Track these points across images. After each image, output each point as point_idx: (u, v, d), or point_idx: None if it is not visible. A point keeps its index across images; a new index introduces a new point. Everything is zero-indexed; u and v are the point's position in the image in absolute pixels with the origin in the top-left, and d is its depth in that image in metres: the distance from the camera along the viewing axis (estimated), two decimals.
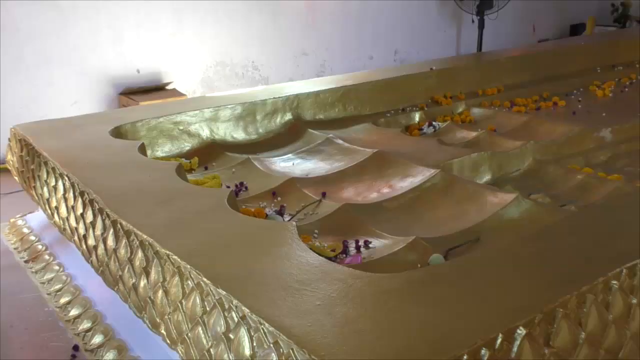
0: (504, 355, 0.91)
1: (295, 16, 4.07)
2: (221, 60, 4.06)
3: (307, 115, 2.66)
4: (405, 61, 4.57)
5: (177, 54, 4.25)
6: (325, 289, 1.05)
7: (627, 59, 3.86)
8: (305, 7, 4.07)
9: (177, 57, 4.24)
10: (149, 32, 4.26)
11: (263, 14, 3.98)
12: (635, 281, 1.11)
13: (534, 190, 2.11)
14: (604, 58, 3.81)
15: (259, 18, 4.00)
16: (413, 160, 2.12)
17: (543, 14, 5.51)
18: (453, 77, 3.18)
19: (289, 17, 4.07)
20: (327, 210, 1.82)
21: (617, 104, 3.16)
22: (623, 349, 1.07)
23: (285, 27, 4.08)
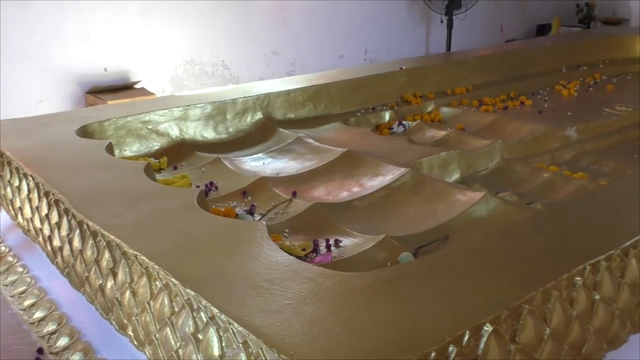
0: (471, 351, 0.92)
1: (266, 15, 4.05)
2: (191, 59, 4.02)
3: (278, 114, 2.65)
4: (376, 60, 4.59)
5: (145, 53, 4.20)
6: (295, 288, 1.05)
7: (591, 59, 3.94)
8: (276, 6, 4.06)
9: (146, 56, 4.19)
10: (116, 30, 4.20)
11: (233, 13, 3.95)
12: (598, 277, 1.13)
13: (502, 188, 2.14)
14: (569, 58, 3.88)
15: (229, 16, 3.97)
16: (383, 159, 2.13)
17: (510, 14, 5.59)
18: (423, 76, 3.21)
19: (259, 16, 4.05)
20: (298, 209, 1.82)
21: (582, 103, 3.23)
22: (586, 344, 1.10)
23: (255, 25, 4.06)
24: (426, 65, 3.34)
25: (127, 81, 4.26)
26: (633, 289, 1.19)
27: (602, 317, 1.13)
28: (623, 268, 1.19)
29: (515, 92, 3.35)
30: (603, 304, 1.13)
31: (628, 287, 1.18)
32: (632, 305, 1.20)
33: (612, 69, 3.85)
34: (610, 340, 1.16)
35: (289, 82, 2.93)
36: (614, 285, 1.16)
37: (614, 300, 1.16)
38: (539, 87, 3.49)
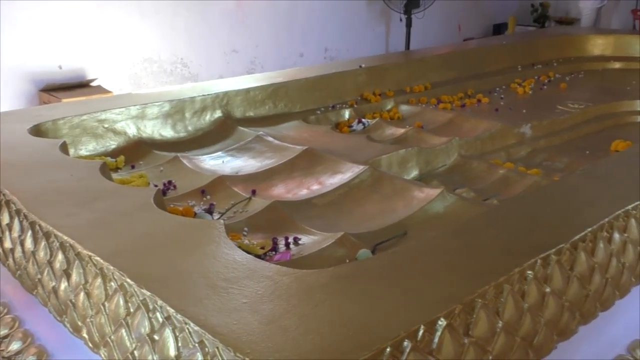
0: (425, 346, 0.94)
1: (225, 13, 4.02)
2: (149, 57, 3.96)
3: (237, 112, 2.64)
4: (336, 59, 4.60)
5: (102, 50, 4.11)
6: (252, 286, 1.05)
7: (545, 58, 4.03)
8: (235, 4, 4.03)
9: (102, 53, 4.10)
10: (71, 27, 4.10)
11: (191, 11, 3.91)
12: (548, 271, 1.16)
13: (459, 185, 2.17)
14: (524, 57, 3.96)
15: (188, 14, 3.92)
16: (342, 157, 2.15)
17: (468, 13, 5.67)
18: (382, 74, 3.23)
19: (218, 14, 4.01)
20: (257, 207, 1.82)
21: (537, 101, 3.30)
22: (537, 336, 1.12)
23: (214, 23, 4.02)
24: (385, 63, 3.37)
25: (83, 79, 4.17)
26: (582, 282, 1.23)
27: (552, 309, 1.16)
28: (572, 261, 1.22)
29: (473, 90, 3.41)
30: (553, 296, 1.16)
31: (577, 280, 1.22)
32: (581, 297, 1.23)
33: (565, 67, 3.95)
34: (560, 332, 1.19)
35: (249, 80, 2.92)
36: (564, 278, 1.19)
37: (563, 293, 1.19)
38: (495, 85, 3.56)
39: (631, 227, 1.38)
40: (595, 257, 1.27)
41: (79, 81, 4.16)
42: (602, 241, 1.29)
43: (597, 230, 1.29)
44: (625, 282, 1.37)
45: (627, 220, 1.37)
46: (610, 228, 1.33)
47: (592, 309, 1.27)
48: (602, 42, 4.17)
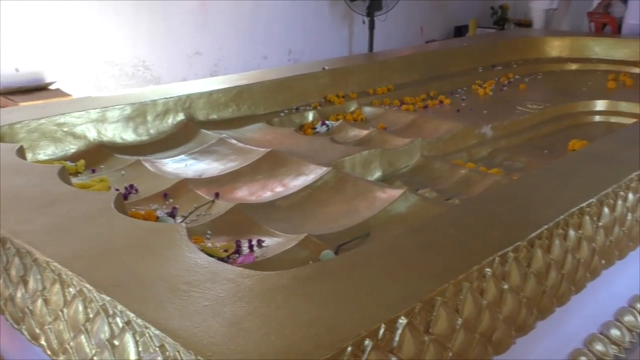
0: (386, 344, 0.95)
1: (187, 15, 3.99)
2: (109, 60, 3.89)
3: (200, 115, 2.63)
4: (300, 61, 4.60)
5: (61, 52, 4.03)
6: (214, 289, 1.05)
7: (505, 59, 4.11)
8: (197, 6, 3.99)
9: (61, 56, 4.02)
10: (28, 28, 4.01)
11: (153, 12, 3.86)
12: (506, 268, 1.19)
13: (422, 185, 2.20)
14: (485, 58, 4.03)
15: (149, 16, 3.87)
16: (306, 159, 2.15)
17: (430, 15, 5.74)
18: (345, 76, 3.25)
19: (181, 16, 3.97)
20: (220, 210, 1.81)
21: (497, 101, 3.36)
22: (496, 332, 1.15)
23: (176, 25, 3.98)
24: (349, 65, 3.39)
25: (41, 82, 4.08)
26: (539, 278, 1.26)
27: (510, 305, 1.18)
28: (529, 258, 1.25)
29: (435, 91, 3.46)
30: (511, 293, 1.19)
31: (534, 276, 1.25)
32: (538, 293, 1.26)
33: (524, 68, 4.04)
34: (519, 328, 1.22)
35: (212, 82, 2.91)
36: (521, 275, 1.22)
37: (521, 289, 1.22)
38: (457, 87, 3.61)
39: (585, 224, 1.42)
40: (551, 253, 1.31)
41: (37, 84, 4.07)
42: (557, 238, 1.33)
43: (552, 228, 1.32)
44: (581, 278, 1.41)
45: (581, 217, 1.41)
46: (565, 225, 1.37)
47: (548, 304, 1.31)
48: (559, 44, 4.27)
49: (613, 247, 1.53)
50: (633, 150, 1.84)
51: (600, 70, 3.93)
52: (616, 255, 1.56)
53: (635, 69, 3.83)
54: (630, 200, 1.59)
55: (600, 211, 1.48)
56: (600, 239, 1.47)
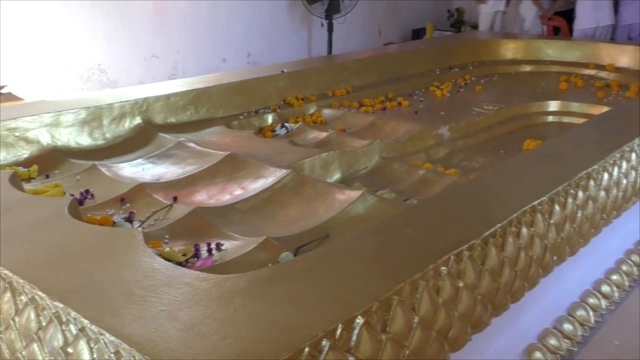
0: (344, 344, 0.96)
1: (144, 17, 3.93)
2: (64, 62, 3.80)
3: (158, 118, 2.60)
4: (259, 64, 4.59)
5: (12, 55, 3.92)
6: (171, 293, 1.04)
7: (462, 61, 4.18)
8: (153, 8, 3.94)
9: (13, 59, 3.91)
10: None
11: (109, 14, 3.79)
12: (461, 266, 1.21)
13: (381, 186, 2.22)
14: (442, 61, 4.09)
15: (105, 18, 3.80)
16: (265, 162, 2.15)
17: (388, 18, 5.78)
18: (304, 79, 3.26)
19: (137, 18, 3.91)
20: (179, 214, 1.80)
21: (454, 103, 3.42)
22: (452, 329, 1.17)
23: (133, 28, 3.91)
24: (307, 68, 3.40)
25: None
26: (493, 275, 1.29)
27: (466, 302, 1.20)
28: (484, 256, 1.27)
29: (393, 93, 3.50)
30: (466, 290, 1.21)
31: (489, 274, 1.27)
32: (492, 290, 1.29)
33: (480, 70, 4.11)
34: (474, 324, 1.24)
35: (169, 86, 2.88)
36: (476, 273, 1.24)
37: (476, 287, 1.24)
38: (415, 89, 3.66)
39: (538, 221, 1.46)
40: (504, 251, 1.33)
41: None
42: (511, 236, 1.36)
43: (506, 226, 1.35)
44: (534, 274, 1.44)
45: (533, 215, 1.45)
46: (518, 223, 1.40)
47: (503, 301, 1.33)
48: (514, 47, 4.37)
49: (564, 243, 1.57)
50: (583, 150, 1.90)
51: (553, 71, 4.03)
52: (567, 251, 1.60)
53: (586, 70, 3.94)
54: (580, 198, 1.63)
55: (551, 209, 1.52)
56: (551, 236, 1.51)
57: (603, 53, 4.04)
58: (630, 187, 1.91)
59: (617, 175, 1.84)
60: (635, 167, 1.95)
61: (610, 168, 1.81)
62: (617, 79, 3.70)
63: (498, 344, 1.42)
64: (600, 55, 4.04)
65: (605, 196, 1.77)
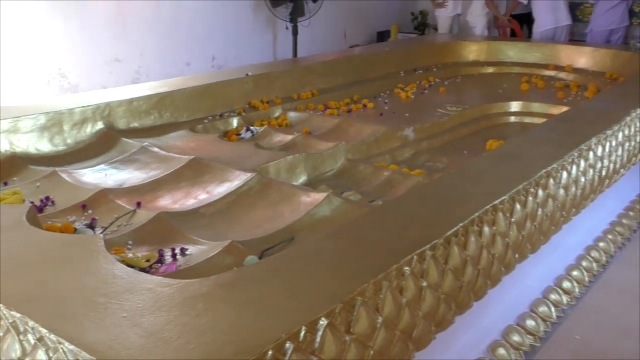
0: (308, 346, 0.96)
1: (104, 20, 3.86)
2: (22, 67, 3.71)
3: (121, 123, 2.57)
4: (223, 67, 4.56)
5: None
6: (132, 300, 1.03)
7: (426, 63, 4.22)
8: (115, 10, 3.88)
9: None
10: None
11: (68, 17, 3.71)
12: (424, 266, 1.22)
13: (346, 188, 2.23)
14: (406, 63, 4.13)
15: (64, 21, 3.72)
16: (230, 165, 2.14)
17: (353, 21, 5.81)
18: (269, 82, 3.26)
19: (98, 21, 3.84)
20: (142, 220, 1.78)
21: (418, 104, 3.45)
22: (416, 328, 1.18)
23: (94, 31, 3.84)
24: (272, 71, 3.40)
25: None
26: (456, 274, 1.30)
27: (429, 302, 1.22)
28: (447, 255, 1.29)
29: (358, 95, 3.52)
30: (430, 289, 1.22)
31: (451, 273, 1.29)
32: (455, 289, 1.30)
33: (444, 72, 4.16)
34: (438, 323, 1.25)
35: (132, 90, 2.84)
36: (439, 272, 1.25)
37: (439, 286, 1.25)
38: (380, 91, 3.68)
39: (499, 220, 1.48)
40: (467, 250, 1.35)
41: None
42: (473, 235, 1.38)
43: (468, 225, 1.37)
44: (496, 272, 1.46)
45: (495, 214, 1.47)
46: (480, 222, 1.42)
47: (466, 299, 1.35)
48: (476, 49, 4.43)
49: (525, 241, 1.60)
50: (543, 149, 1.93)
51: (514, 73, 4.11)
52: (529, 249, 1.63)
53: (546, 71, 4.02)
54: (540, 197, 1.67)
55: (512, 207, 1.54)
56: (513, 234, 1.53)
57: (562, 54, 4.13)
58: (588, 185, 1.95)
59: (575, 173, 1.88)
60: (593, 165, 2.00)
61: (569, 167, 1.85)
62: (576, 79, 3.78)
63: (462, 342, 1.44)
64: (559, 57, 4.13)
65: (564, 194, 1.81)
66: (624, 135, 2.25)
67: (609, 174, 2.13)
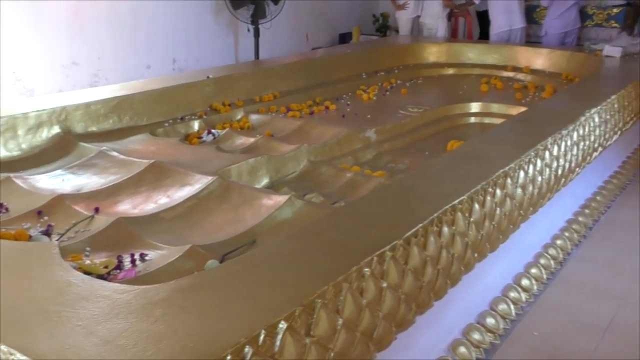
0: (267, 350, 0.95)
1: (61, 22, 3.76)
2: None
3: (78, 127, 2.52)
4: (184, 70, 4.50)
5: None
6: (88, 308, 1.01)
7: (387, 65, 4.26)
8: (71, 12, 3.79)
9: None
10: None
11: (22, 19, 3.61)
12: (384, 267, 1.23)
13: (309, 190, 2.23)
14: (368, 65, 4.16)
15: (18, 23, 3.62)
16: (191, 169, 2.12)
17: (315, 23, 5.81)
18: (231, 85, 3.24)
19: (54, 23, 3.74)
20: (100, 225, 1.74)
21: (380, 106, 3.48)
22: (377, 329, 1.18)
23: (50, 34, 3.74)
24: (234, 73, 3.38)
25: None
26: (416, 274, 1.31)
27: (390, 302, 1.22)
28: (406, 256, 1.30)
29: (321, 97, 3.52)
30: (390, 290, 1.23)
31: (412, 273, 1.30)
32: (415, 289, 1.31)
33: (405, 74, 4.20)
34: (398, 323, 1.26)
35: (90, 93, 2.79)
36: (399, 272, 1.26)
37: (399, 286, 1.26)
38: (342, 92, 3.70)
39: (458, 220, 1.50)
40: (427, 250, 1.36)
41: None
42: (432, 235, 1.39)
43: (427, 225, 1.38)
44: (456, 272, 1.48)
45: (454, 214, 1.49)
46: (439, 222, 1.43)
47: (427, 299, 1.36)
48: (437, 50, 4.48)
49: (485, 240, 1.62)
50: (501, 149, 1.97)
51: (474, 74, 4.17)
52: (488, 248, 1.65)
53: (505, 72, 4.09)
54: (498, 196, 1.69)
55: (471, 207, 1.56)
56: (472, 234, 1.55)
57: (520, 56, 4.21)
58: (545, 184, 1.99)
59: (532, 173, 1.92)
60: (549, 164, 2.04)
61: (526, 166, 1.89)
62: (533, 80, 3.86)
63: (424, 341, 1.45)
64: (517, 58, 4.21)
65: (522, 193, 1.84)
66: (579, 135, 2.31)
67: (565, 173, 2.18)
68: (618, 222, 2.60)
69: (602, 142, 2.57)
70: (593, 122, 2.46)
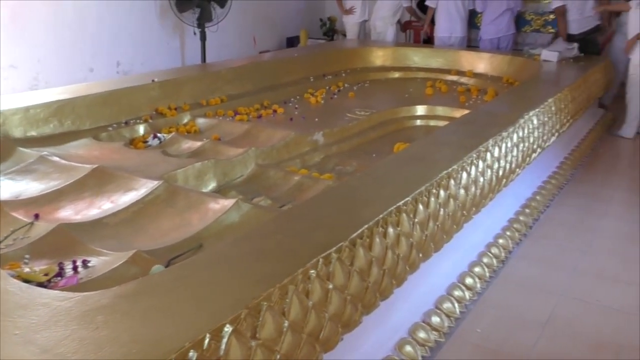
0: (212, 353, 0.95)
1: None
2: None
3: (17, 132, 2.45)
4: (129, 73, 4.42)
5: None
6: (26, 316, 0.98)
7: (335, 69, 4.29)
8: (10, 14, 3.68)
9: None
10: None
11: None
12: (330, 268, 1.24)
13: (257, 194, 2.23)
14: (316, 68, 4.18)
15: None
16: (136, 173, 2.09)
17: (262, 26, 5.80)
18: (177, 88, 3.20)
19: None
20: (41, 232, 1.70)
21: (328, 109, 3.50)
22: (323, 330, 1.19)
23: None
24: (180, 77, 3.34)
25: None
26: (362, 275, 1.33)
27: (336, 303, 1.23)
28: (352, 257, 1.31)
29: (269, 101, 3.52)
30: (336, 291, 1.24)
31: (357, 274, 1.31)
32: (361, 290, 1.33)
33: (352, 77, 4.25)
34: (345, 324, 1.27)
35: (29, 97, 2.71)
36: (345, 274, 1.27)
37: (345, 287, 1.27)
38: (290, 96, 3.71)
39: (403, 221, 1.52)
40: (372, 251, 1.38)
41: None
42: (378, 236, 1.41)
43: (373, 227, 1.40)
44: (401, 272, 1.50)
45: (399, 215, 1.52)
46: (385, 224, 1.45)
47: (373, 299, 1.38)
48: (383, 54, 4.55)
49: (429, 240, 1.65)
50: (444, 151, 2.01)
51: (419, 77, 4.25)
52: (432, 248, 1.68)
53: (449, 76, 4.19)
54: (442, 197, 1.73)
55: (415, 208, 1.59)
56: (417, 234, 1.58)
57: (463, 60, 4.31)
58: (487, 184, 2.05)
59: (475, 174, 1.97)
60: (491, 165, 2.09)
61: (469, 167, 1.94)
62: (476, 84, 3.96)
63: (370, 341, 1.47)
64: (461, 62, 4.31)
65: (465, 194, 1.89)
66: (519, 137, 2.38)
67: (506, 174, 2.24)
68: (557, 220, 2.69)
69: (540, 144, 2.65)
70: (532, 124, 2.54)
